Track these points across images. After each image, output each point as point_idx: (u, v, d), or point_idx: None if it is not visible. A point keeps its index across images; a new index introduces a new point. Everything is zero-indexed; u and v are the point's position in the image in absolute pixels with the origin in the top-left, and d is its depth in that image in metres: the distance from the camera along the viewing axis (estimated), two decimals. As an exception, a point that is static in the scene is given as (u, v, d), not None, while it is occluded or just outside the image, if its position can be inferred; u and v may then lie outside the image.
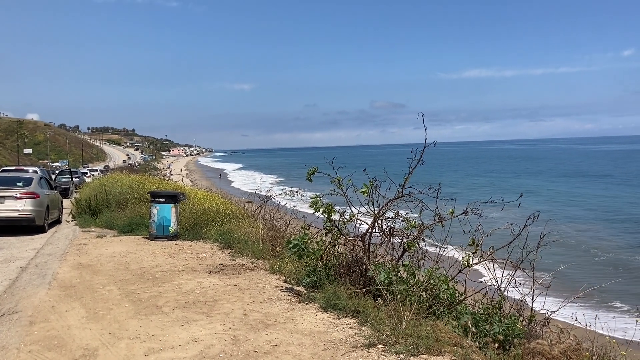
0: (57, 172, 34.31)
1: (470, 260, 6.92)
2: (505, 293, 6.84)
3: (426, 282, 6.82)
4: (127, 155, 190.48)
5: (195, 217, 13.61)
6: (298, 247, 7.28)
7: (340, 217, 7.50)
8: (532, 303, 6.94)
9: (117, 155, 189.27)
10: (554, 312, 6.93)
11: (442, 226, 7.41)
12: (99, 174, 50.00)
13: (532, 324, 6.87)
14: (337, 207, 7.73)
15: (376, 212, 7.38)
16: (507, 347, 5.85)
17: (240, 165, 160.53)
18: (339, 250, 7.84)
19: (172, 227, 12.92)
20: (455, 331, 5.97)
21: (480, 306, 6.77)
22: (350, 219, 7.56)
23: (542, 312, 6.86)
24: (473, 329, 5.91)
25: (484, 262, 7.03)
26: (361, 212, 7.56)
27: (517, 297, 6.99)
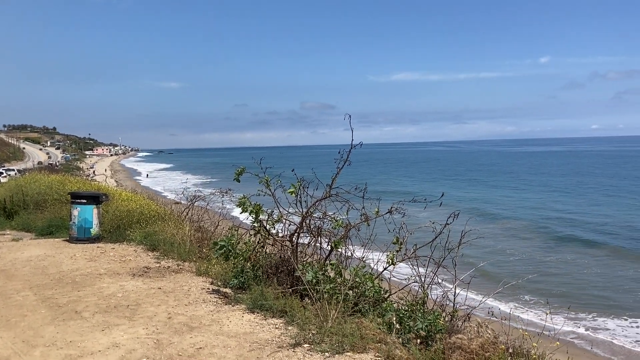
0: None
1: (394, 258, 7.10)
2: (428, 290, 7.06)
3: (352, 280, 6.93)
4: (48, 154, 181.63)
5: (119, 218, 13.15)
6: (225, 248, 7.20)
7: (268, 217, 7.47)
8: (455, 299, 7.19)
9: (36, 154, 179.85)
10: (474, 307, 7.21)
11: (368, 225, 7.55)
12: (16, 174, 47.29)
13: (454, 319, 7.12)
14: (266, 208, 7.70)
15: (304, 212, 7.41)
16: (430, 342, 6.02)
17: (168, 165, 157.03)
18: (267, 251, 7.81)
19: (94, 229, 12.44)
20: (380, 328, 6.10)
21: (405, 303, 6.95)
22: (279, 219, 7.55)
23: (463, 307, 7.13)
24: (397, 326, 6.05)
25: (408, 260, 7.22)
26: (289, 213, 7.57)
27: (441, 293, 7.22)
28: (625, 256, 27.71)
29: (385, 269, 7.25)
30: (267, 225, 7.75)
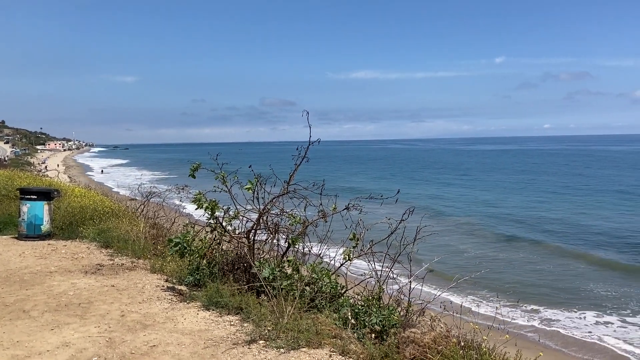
0: None
1: (351, 254, 7.17)
2: (384, 285, 7.15)
3: (309, 276, 6.95)
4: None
5: (72, 215, 12.80)
6: (180, 245, 7.11)
7: (224, 214, 7.42)
8: (409, 294, 7.31)
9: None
10: (429, 302, 7.35)
11: (325, 221, 7.60)
12: None
13: (409, 314, 7.23)
14: (223, 205, 7.64)
15: (261, 209, 7.38)
16: (384, 337, 6.11)
17: (123, 161, 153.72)
18: (223, 247, 7.76)
19: (45, 226, 12.08)
20: (336, 323, 6.15)
21: (361, 298, 7.03)
22: (235, 215, 7.51)
23: (418, 302, 7.25)
24: (352, 321, 6.10)
25: (365, 256, 7.29)
26: (246, 209, 7.53)
27: (396, 288, 7.32)
28: (571, 253, 28.69)
29: (342, 264, 7.30)
30: (224, 222, 7.70)
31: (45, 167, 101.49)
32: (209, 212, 7.26)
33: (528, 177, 77.43)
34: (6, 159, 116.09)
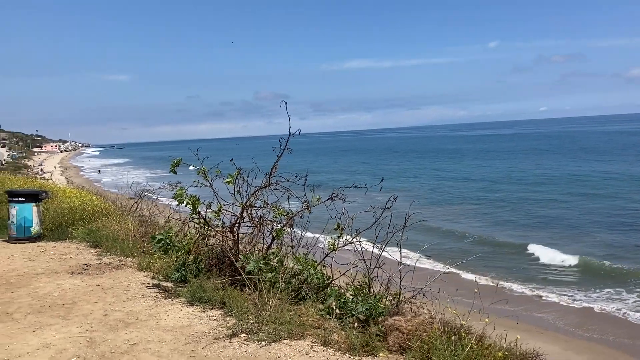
0: None
1: (336, 243, 7.13)
2: (374, 274, 7.13)
3: (293, 268, 6.93)
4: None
5: (61, 215, 12.75)
6: (163, 241, 7.07)
7: (206, 208, 7.37)
8: (400, 282, 7.28)
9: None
10: (421, 289, 7.33)
11: (310, 212, 7.56)
12: None
13: (400, 301, 7.22)
14: (207, 200, 7.59)
15: (244, 202, 7.33)
16: (370, 325, 6.10)
17: (120, 160, 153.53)
18: (207, 242, 7.72)
19: (35, 228, 12.03)
20: (321, 314, 6.13)
21: (349, 288, 7.01)
22: (218, 210, 7.46)
23: (410, 290, 7.23)
24: (337, 310, 6.07)
25: (349, 245, 7.25)
26: (229, 203, 7.48)
27: (387, 276, 7.29)
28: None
29: (327, 255, 7.26)
30: (210, 216, 7.67)
31: (42, 169, 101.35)
32: (191, 208, 7.22)
33: (533, 160, 77.20)
34: (3, 162, 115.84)
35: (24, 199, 12.01)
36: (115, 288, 7.31)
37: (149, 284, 7.53)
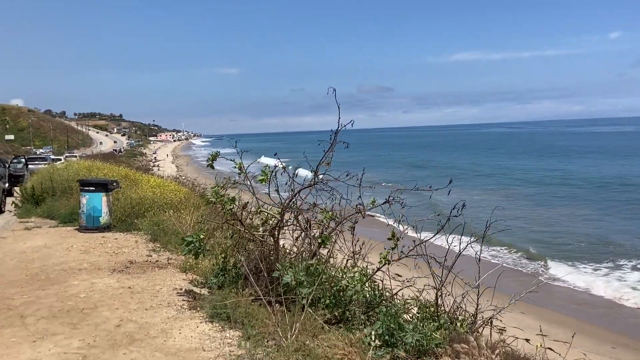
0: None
1: (389, 256, 6.02)
2: (439, 294, 6.03)
3: (336, 283, 5.92)
4: (115, 141, 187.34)
5: (131, 206, 12.58)
6: (193, 244, 6.30)
7: (242, 208, 6.53)
8: (477, 302, 6.11)
9: (103, 141, 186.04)
10: (501, 309, 6.14)
11: (363, 217, 6.51)
12: (77, 159, 46.90)
13: (475, 325, 6.08)
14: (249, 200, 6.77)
15: (285, 202, 6.39)
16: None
17: (229, 150, 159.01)
18: (247, 247, 6.88)
19: (104, 218, 11.91)
20: (362, 341, 5.07)
21: (414, 303, 6.03)
22: (257, 210, 6.60)
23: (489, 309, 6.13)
24: (376, 342, 4.97)
25: (405, 258, 6.12)
26: (267, 204, 6.58)
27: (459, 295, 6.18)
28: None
29: (379, 268, 6.17)
30: (250, 217, 6.86)
31: (155, 157, 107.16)
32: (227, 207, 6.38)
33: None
34: (122, 150, 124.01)
35: (93, 189, 11.91)
36: (145, 292, 6.67)
37: (181, 289, 6.82)
